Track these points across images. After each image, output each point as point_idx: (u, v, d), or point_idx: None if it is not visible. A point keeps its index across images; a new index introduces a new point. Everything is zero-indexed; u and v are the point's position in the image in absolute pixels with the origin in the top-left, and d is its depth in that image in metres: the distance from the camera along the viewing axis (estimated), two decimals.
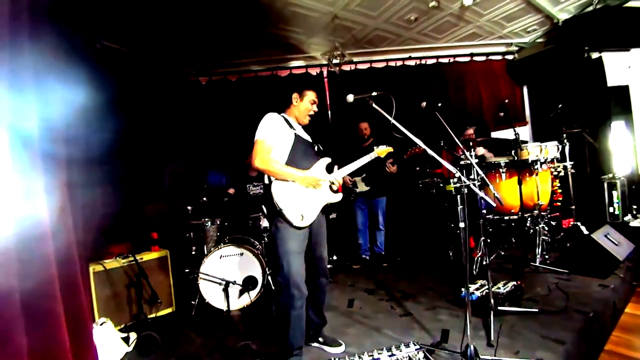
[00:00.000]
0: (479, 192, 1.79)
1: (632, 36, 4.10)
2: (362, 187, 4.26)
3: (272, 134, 2.08)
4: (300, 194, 2.08)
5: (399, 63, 5.34)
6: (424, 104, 2.41)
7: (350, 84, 5.02)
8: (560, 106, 3.84)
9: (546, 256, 3.50)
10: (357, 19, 4.22)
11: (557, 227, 4.10)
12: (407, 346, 2.06)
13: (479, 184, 2.68)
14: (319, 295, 2.28)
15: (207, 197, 3.65)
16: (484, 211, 3.56)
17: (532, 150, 3.57)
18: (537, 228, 3.57)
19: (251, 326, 2.82)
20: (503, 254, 3.90)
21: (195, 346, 2.53)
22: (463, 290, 2.62)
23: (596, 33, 4.18)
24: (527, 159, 3.55)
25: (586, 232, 3.63)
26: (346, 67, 5.12)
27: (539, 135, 5.22)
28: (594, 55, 4.60)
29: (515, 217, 3.76)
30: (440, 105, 2.43)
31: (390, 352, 2.01)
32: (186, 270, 3.41)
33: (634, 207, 4.33)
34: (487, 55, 5.45)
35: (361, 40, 4.84)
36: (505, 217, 3.85)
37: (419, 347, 2.05)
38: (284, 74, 5.25)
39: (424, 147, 1.95)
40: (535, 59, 5.16)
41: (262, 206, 3.58)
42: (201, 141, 4.94)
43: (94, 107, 2.42)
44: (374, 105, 2.04)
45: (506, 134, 4.63)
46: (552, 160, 3.74)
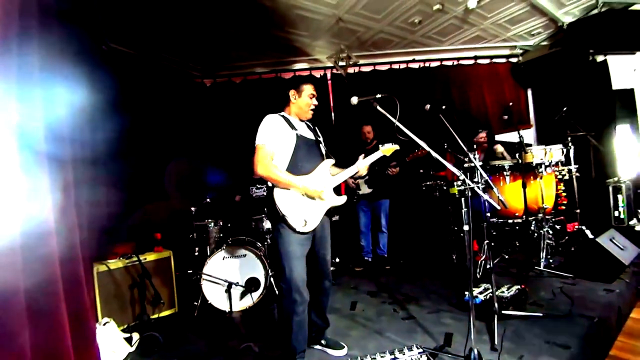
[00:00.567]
0: (483, 195, 1.79)
1: (638, 39, 4.06)
2: (364, 190, 4.25)
3: (272, 138, 2.05)
4: (303, 199, 2.05)
5: (403, 66, 5.33)
6: (427, 107, 2.40)
7: (353, 87, 5.03)
8: (565, 109, 3.82)
9: (550, 260, 3.48)
10: (361, 21, 4.23)
11: (562, 231, 4.07)
12: (410, 349, 2.05)
13: (482, 187, 2.67)
14: (322, 298, 2.27)
15: (212, 200, 3.65)
16: (487, 214, 3.55)
17: (536, 154, 3.55)
18: (541, 232, 3.55)
19: (253, 328, 2.82)
20: (507, 257, 3.87)
21: (198, 347, 2.54)
22: (467, 293, 2.61)
23: (601, 36, 4.15)
24: (532, 162, 3.53)
25: (591, 236, 3.59)
26: (350, 70, 5.13)
27: (544, 138, 5.19)
28: (599, 58, 4.58)
29: (519, 220, 3.75)
30: (444, 107, 2.41)
31: (393, 356, 2.00)
32: (189, 271, 3.43)
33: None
34: (492, 58, 5.43)
35: (365, 43, 4.84)
36: (509, 221, 3.83)
37: (422, 350, 2.04)
38: (287, 76, 5.27)
39: (428, 149, 1.95)
40: (540, 61, 5.14)
41: (265, 209, 3.60)
42: (205, 142, 4.96)
43: (99, 108, 2.45)
44: (378, 107, 2.03)
45: (510, 136, 4.62)
46: (556, 163, 3.72)
